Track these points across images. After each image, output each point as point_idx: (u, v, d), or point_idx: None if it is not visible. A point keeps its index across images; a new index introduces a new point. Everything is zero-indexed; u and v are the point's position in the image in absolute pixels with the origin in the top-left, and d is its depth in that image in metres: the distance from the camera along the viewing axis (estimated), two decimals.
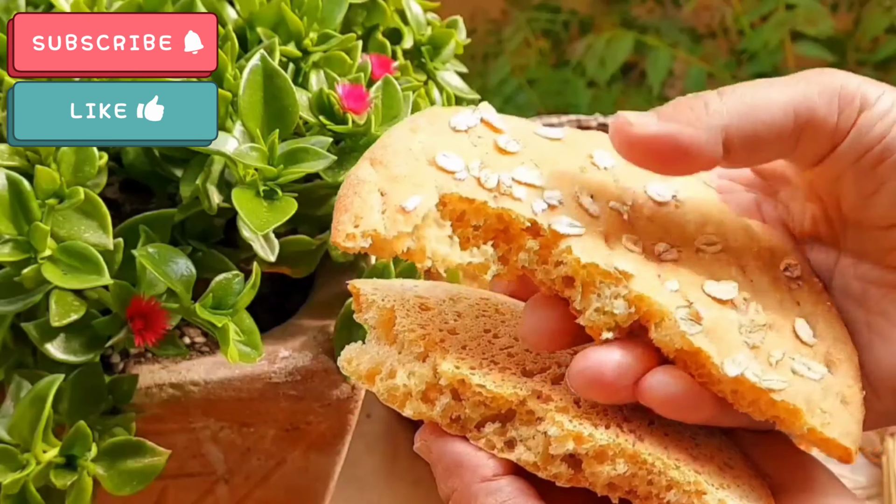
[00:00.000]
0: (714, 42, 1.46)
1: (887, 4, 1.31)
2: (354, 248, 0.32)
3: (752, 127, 0.32)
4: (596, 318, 0.32)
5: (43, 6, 0.49)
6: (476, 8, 1.44)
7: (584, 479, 0.32)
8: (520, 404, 0.33)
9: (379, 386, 0.34)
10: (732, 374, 0.31)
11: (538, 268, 0.33)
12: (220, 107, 0.43)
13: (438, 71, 0.55)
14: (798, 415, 0.32)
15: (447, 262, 0.34)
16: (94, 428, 0.41)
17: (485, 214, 0.33)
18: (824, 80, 0.33)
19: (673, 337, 0.32)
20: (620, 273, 0.32)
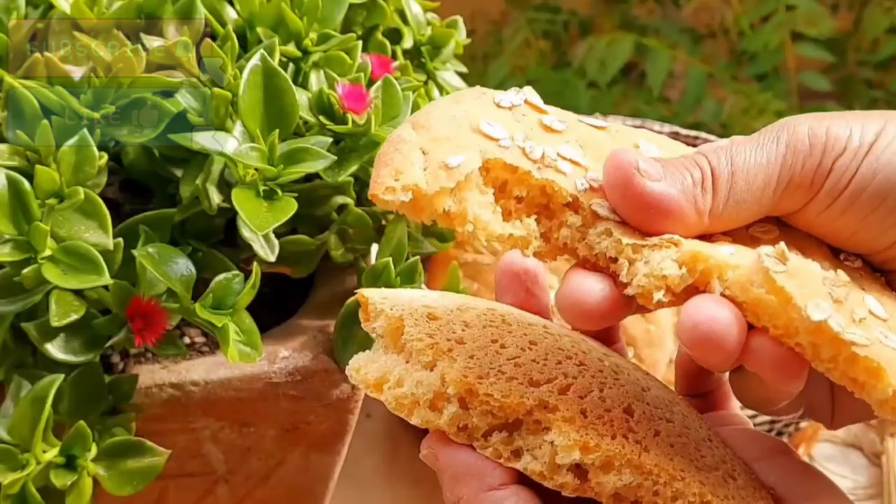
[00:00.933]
0: (714, 42, 1.46)
1: (887, 5, 1.31)
2: (394, 203, 0.31)
3: (735, 210, 0.33)
4: (646, 283, 0.31)
5: (43, 6, 0.49)
6: (476, 8, 1.44)
7: (589, 489, 0.32)
8: (527, 414, 0.32)
9: (387, 394, 0.34)
10: (816, 317, 0.29)
11: (579, 245, 0.33)
12: (220, 107, 0.43)
13: (438, 71, 0.55)
14: (881, 375, 0.29)
15: (488, 231, 0.32)
16: (94, 428, 0.41)
17: (528, 185, 0.33)
18: (793, 138, 0.33)
19: (751, 280, 0.30)
20: (668, 241, 0.32)
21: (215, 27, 0.47)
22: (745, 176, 0.33)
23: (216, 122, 0.43)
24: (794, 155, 0.33)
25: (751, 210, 0.34)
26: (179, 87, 0.44)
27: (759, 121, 1.29)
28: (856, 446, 0.71)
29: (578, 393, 0.33)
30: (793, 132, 0.34)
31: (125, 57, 0.42)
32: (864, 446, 0.70)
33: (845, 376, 0.30)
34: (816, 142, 0.33)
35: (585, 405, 0.33)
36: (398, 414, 0.34)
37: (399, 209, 0.31)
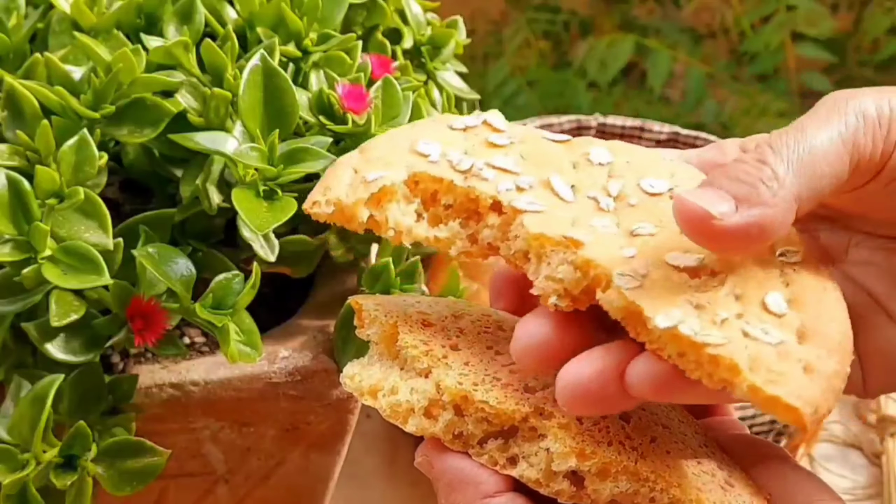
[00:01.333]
0: (714, 43, 1.46)
1: (888, 5, 1.31)
2: (321, 215, 0.34)
3: (818, 185, 0.32)
4: (545, 285, 0.32)
5: (43, 6, 0.49)
6: (476, 8, 1.44)
7: (586, 496, 0.32)
8: (522, 421, 0.33)
9: (381, 402, 0.35)
10: (663, 325, 0.29)
11: (501, 244, 0.34)
12: (220, 107, 0.43)
13: (438, 71, 0.55)
14: (735, 370, 0.29)
15: (413, 235, 0.35)
16: (94, 428, 0.41)
17: (453, 193, 0.34)
18: (858, 109, 0.32)
19: (613, 296, 0.30)
20: (569, 241, 0.32)
21: (215, 27, 0.47)
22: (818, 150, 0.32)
23: (216, 122, 0.43)
24: (865, 132, 0.32)
25: (832, 183, 0.32)
26: (179, 87, 0.44)
27: (760, 121, 1.29)
28: (856, 446, 0.71)
29: None
30: (859, 106, 0.33)
31: (125, 57, 0.42)
32: (864, 446, 0.70)
33: (715, 380, 0.29)
34: (883, 114, 0.32)
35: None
36: (393, 421, 0.34)
37: (330, 220, 0.35)
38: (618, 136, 0.91)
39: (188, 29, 0.46)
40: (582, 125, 0.91)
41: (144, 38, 0.45)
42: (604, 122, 0.91)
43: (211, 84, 0.44)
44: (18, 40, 0.47)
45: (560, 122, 0.90)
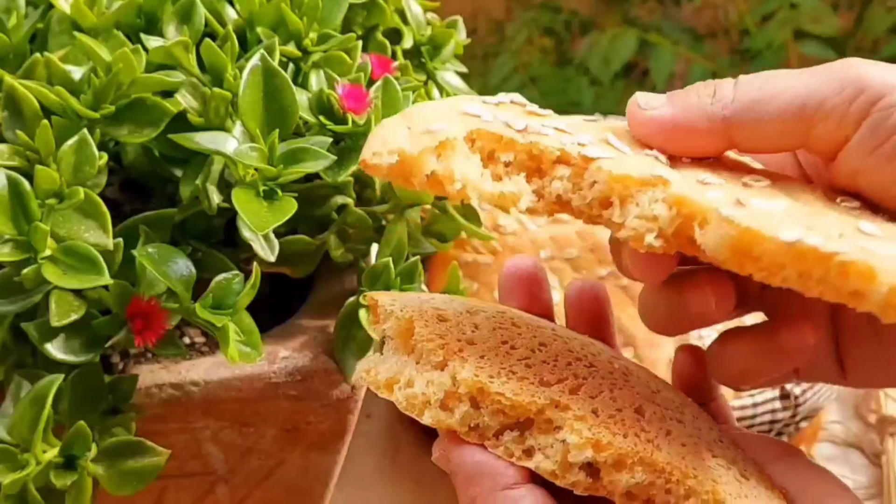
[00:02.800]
0: (714, 42, 1.46)
1: (889, 4, 1.31)
2: (381, 168, 0.32)
3: (756, 117, 0.33)
4: (637, 225, 0.31)
5: (43, 6, 0.49)
6: (477, 7, 1.44)
7: (602, 488, 0.32)
8: (538, 413, 0.33)
9: (398, 395, 0.35)
10: (789, 238, 0.28)
11: (574, 195, 0.33)
12: (220, 107, 0.43)
13: (438, 71, 0.55)
14: (870, 275, 0.27)
15: (479, 190, 0.33)
16: (93, 428, 0.41)
17: (514, 149, 0.33)
18: (839, 69, 0.33)
19: (719, 230, 0.29)
20: (657, 178, 0.31)
21: (215, 27, 0.47)
22: (773, 90, 0.33)
23: (216, 122, 0.43)
24: (834, 81, 0.32)
25: (776, 128, 0.33)
26: (179, 87, 0.44)
27: None
28: (856, 446, 0.71)
29: (589, 393, 0.33)
30: (843, 65, 0.33)
31: (125, 57, 0.42)
32: (864, 446, 0.70)
33: (841, 293, 0.28)
34: (860, 81, 0.32)
35: (597, 405, 0.33)
36: (409, 413, 0.34)
37: (388, 175, 0.32)
38: None
39: (188, 29, 0.46)
40: None
41: (144, 38, 0.45)
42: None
43: (211, 84, 0.44)
44: (18, 40, 0.47)
45: None
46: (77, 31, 0.45)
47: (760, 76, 0.34)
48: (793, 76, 0.33)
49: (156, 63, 0.44)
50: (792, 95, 0.32)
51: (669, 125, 0.34)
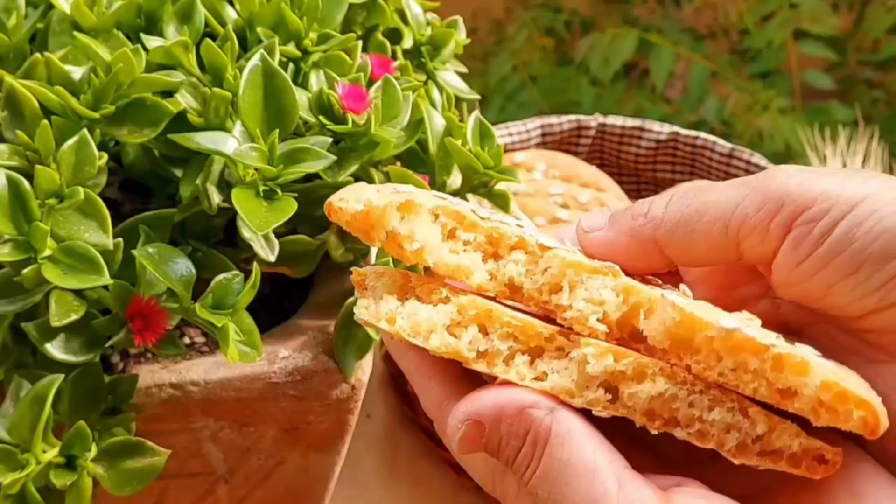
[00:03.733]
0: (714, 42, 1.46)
1: (889, 4, 1.31)
2: (345, 213, 0.34)
3: (684, 239, 0.34)
4: (583, 307, 0.32)
5: (43, 6, 0.49)
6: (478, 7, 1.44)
7: (621, 406, 0.31)
8: (548, 340, 0.32)
9: (401, 323, 0.33)
10: (729, 325, 0.29)
11: (526, 279, 0.33)
12: (220, 107, 0.43)
13: (438, 71, 0.55)
14: (805, 368, 0.29)
15: (437, 255, 0.34)
16: (94, 428, 0.41)
17: (475, 230, 0.34)
18: (761, 181, 0.33)
19: (663, 315, 0.31)
20: (608, 268, 0.32)
21: (215, 27, 0.47)
22: (699, 207, 0.33)
23: (216, 122, 0.43)
24: (756, 196, 0.32)
25: (704, 247, 0.33)
26: (179, 87, 0.44)
27: (762, 118, 1.29)
28: None
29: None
30: (765, 176, 0.33)
31: (125, 57, 0.42)
32: None
33: (773, 389, 0.29)
34: (785, 188, 0.32)
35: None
36: (413, 340, 0.33)
37: (350, 223, 0.34)
38: (618, 136, 0.91)
39: (188, 29, 0.46)
40: (582, 125, 0.91)
41: (144, 38, 0.45)
42: (604, 122, 0.91)
43: (211, 84, 0.44)
44: (18, 40, 0.47)
45: (560, 122, 0.90)
46: (77, 31, 0.45)
47: (691, 192, 0.34)
48: (720, 191, 0.33)
49: (156, 63, 0.44)
50: (716, 213, 0.33)
51: (610, 248, 0.35)
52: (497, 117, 1.30)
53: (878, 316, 0.32)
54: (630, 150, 0.91)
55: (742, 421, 0.30)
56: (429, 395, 0.35)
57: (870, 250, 0.31)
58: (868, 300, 0.31)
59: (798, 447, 0.30)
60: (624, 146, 0.91)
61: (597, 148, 0.93)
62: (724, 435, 0.31)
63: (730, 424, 0.30)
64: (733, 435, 0.31)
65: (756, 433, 0.30)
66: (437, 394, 0.34)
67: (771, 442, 0.30)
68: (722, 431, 0.31)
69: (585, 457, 0.29)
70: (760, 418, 0.30)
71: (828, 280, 0.32)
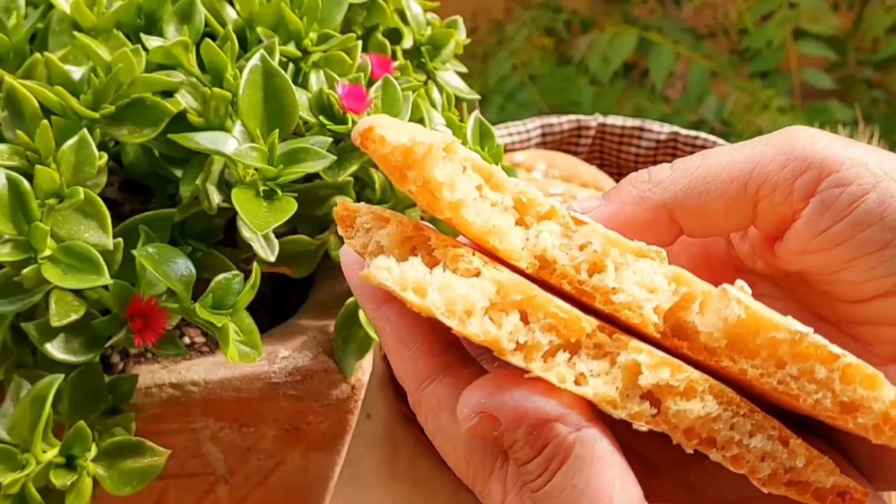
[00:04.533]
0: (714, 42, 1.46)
1: (889, 4, 1.31)
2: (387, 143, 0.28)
3: (698, 200, 0.31)
4: (637, 293, 0.29)
5: (43, 6, 0.49)
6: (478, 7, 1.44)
7: (663, 422, 0.28)
8: (590, 335, 0.28)
9: (433, 298, 0.27)
10: (799, 328, 0.27)
11: (561, 253, 0.29)
12: (220, 107, 0.43)
13: (438, 71, 0.55)
14: (877, 382, 0.27)
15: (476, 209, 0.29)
16: (94, 428, 0.41)
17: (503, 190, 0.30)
18: (783, 141, 0.31)
19: (724, 310, 0.28)
20: (654, 252, 0.29)
21: (215, 27, 0.47)
22: (713, 167, 0.31)
23: (216, 122, 0.43)
24: (778, 155, 0.30)
25: (720, 208, 0.31)
26: (179, 87, 0.44)
27: (761, 117, 1.29)
28: None
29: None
30: (785, 138, 0.31)
31: (125, 57, 0.42)
32: None
33: (837, 402, 0.27)
34: (805, 155, 0.30)
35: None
36: (446, 321, 0.27)
37: (388, 156, 0.28)
38: (618, 136, 0.91)
39: (188, 29, 0.46)
40: (582, 125, 0.91)
41: (144, 38, 0.45)
42: (604, 122, 0.91)
43: (211, 84, 0.44)
44: (18, 40, 0.47)
45: (560, 121, 0.90)
46: (77, 31, 0.45)
47: (697, 155, 0.32)
48: (733, 151, 0.31)
49: (156, 63, 0.44)
50: (733, 172, 0.31)
51: (614, 223, 0.31)
52: (497, 117, 1.30)
53: (884, 302, 0.30)
54: (630, 150, 0.91)
55: (781, 451, 0.29)
56: (408, 366, 0.31)
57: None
58: (888, 280, 0.29)
59: (830, 484, 0.29)
60: (624, 146, 0.91)
61: (597, 148, 0.93)
62: (758, 462, 0.29)
63: (767, 453, 0.29)
64: (768, 464, 0.29)
65: (793, 465, 0.29)
66: (419, 368, 0.31)
67: (804, 475, 0.29)
68: (757, 459, 0.28)
69: (603, 489, 0.27)
70: (801, 451, 0.29)
71: (851, 252, 0.30)
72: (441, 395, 0.30)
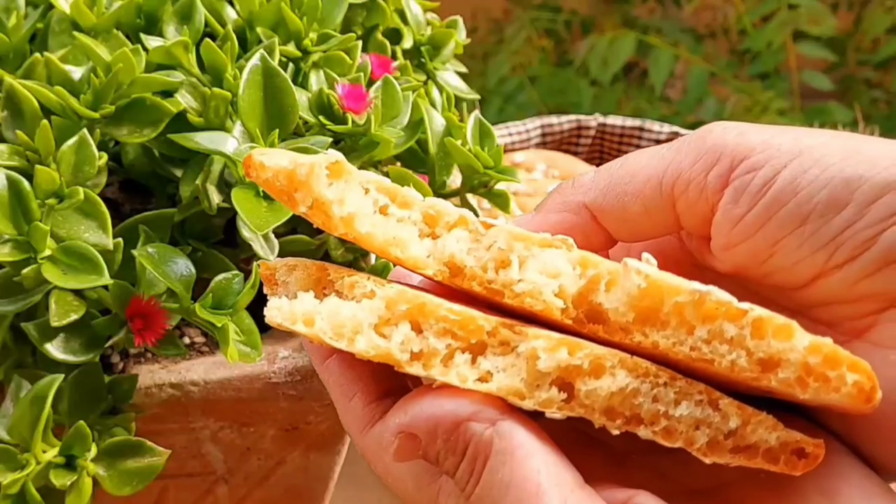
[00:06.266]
0: (714, 43, 1.46)
1: (888, 5, 1.31)
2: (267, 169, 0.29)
3: (617, 201, 0.31)
4: (537, 279, 0.28)
5: (43, 6, 0.49)
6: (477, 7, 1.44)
7: (578, 406, 0.27)
8: (491, 334, 0.28)
9: (321, 325, 0.28)
10: (700, 288, 0.26)
11: (468, 257, 0.29)
12: (220, 107, 0.43)
13: (438, 71, 0.55)
14: (790, 330, 0.26)
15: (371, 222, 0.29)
16: (93, 428, 0.41)
17: (410, 207, 0.30)
18: (695, 138, 0.30)
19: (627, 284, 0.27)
20: (561, 241, 0.29)
21: (215, 27, 0.47)
22: (631, 169, 0.31)
23: (216, 122, 0.43)
24: (690, 151, 0.30)
25: (638, 209, 0.31)
26: (179, 87, 0.44)
27: (761, 119, 1.30)
28: None
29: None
30: (698, 134, 0.31)
31: (125, 57, 0.42)
32: None
33: (754, 360, 0.26)
34: (715, 147, 0.30)
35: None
36: (336, 344, 0.28)
37: (271, 181, 0.29)
38: (618, 136, 0.91)
39: (188, 29, 0.46)
40: (582, 125, 0.91)
41: (144, 38, 0.45)
42: (604, 122, 0.91)
43: (211, 84, 0.44)
44: (18, 40, 0.47)
45: (560, 122, 0.90)
46: (77, 31, 0.45)
47: (620, 159, 0.32)
48: (651, 154, 0.31)
49: (156, 63, 0.44)
50: (649, 171, 0.31)
51: (542, 229, 0.31)
52: (496, 118, 1.30)
53: (826, 282, 0.29)
54: (630, 150, 0.91)
55: (712, 415, 0.27)
56: (350, 415, 0.31)
57: (816, 199, 0.28)
58: (817, 257, 0.29)
59: (776, 441, 0.28)
60: (624, 146, 0.91)
61: (597, 148, 0.93)
62: (692, 432, 0.27)
63: (699, 420, 0.27)
64: (703, 431, 0.27)
65: (729, 428, 0.27)
66: (359, 416, 0.31)
67: (745, 436, 0.27)
68: (690, 428, 0.27)
69: (529, 477, 0.26)
70: (733, 410, 0.27)
71: (772, 235, 0.29)
72: (379, 437, 0.30)
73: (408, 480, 0.30)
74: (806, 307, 0.31)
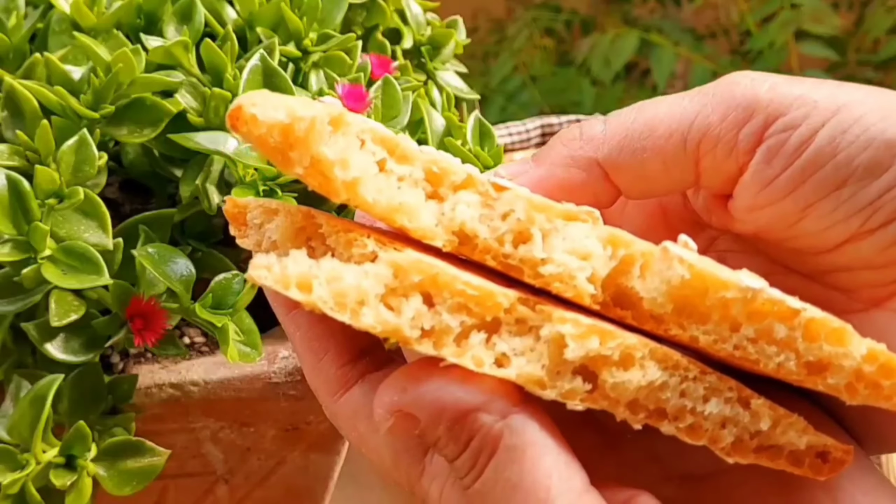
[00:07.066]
0: (715, 43, 1.46)
1: (890, 4, 1.31)
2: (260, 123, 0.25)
3: (634, 158, 0.28)
4: (569, 261, 0.26)
5: (43, 6, 0.49)
6: (477, 7, 1.44)
7: (601, 398, 0.25)
8: (509, 310, 0.25)
9: (320, 292, 0.24)
10: (754, 284, 0.24)
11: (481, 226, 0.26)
12: (219, 107, 0.43)
13: (438, 71, 0.55)
14: (845, 336, 0.24)
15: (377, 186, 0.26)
16: (93, 428, 0.41)
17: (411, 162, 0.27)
18: (723, 88, 0.28)
19: (666, 272, 0.25)
20: (587, 213, 0.26)
21: (215, 27, 0.47)
22: (649, 121, 0.28)
23: (216, 122, 0.43)
24: (718, 104, 0.28)
25: (657, 166, 0.28)
26: (179, 87, 0.44)
27: None
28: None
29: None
30: (724, 86, 0.28)
31: (125, 57, 0.42)
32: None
33: (802, 363, 0.24)
34: (747, 101, 0.27)
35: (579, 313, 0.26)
36: (338, 316, 0.24)
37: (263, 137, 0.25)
38: None
39: (188, 29, 0.46)
40: None
41: (144, 38, 0.45)
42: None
43: (211, 84, 0.44)
44: (18, 40, 0.47)
45: (560, 121, 0.90)
46: (77, 31, 0.45)
47: (634, 106, 0.29)
48: (671, 102, 0.28)
49: (156, 63, 0.44)
50: (671, 126, 0.28)
51: (544, 188, 0.28)
52: (498, 118, 1.30)
53: (855, 247, 0.27)
54: None
55: (742, 414, 0.25)
56: (320, 377, 0.29)
57: (857, 162, 0.26)
58: (851, 222, 0.27)
59: (804, 444, 0.26)
60: None
61: None
62: (719, 430, 0.25)
63: (726, 418, 0.25)
64: (730, 430, 0.25)
65: (757, 428, 0.25)
66: (331, 379, 0.28)
67: (773, 437, 0.26)
68: (717, 426, 0.25)
69: (540, 481, 0.24)
70: (765, 412, 0.25)
71: (805, 199, 0.27)
72: (355, 404, 0.28)
73: (385, 455, 0.28)
74: (822, 272, 0.29)
